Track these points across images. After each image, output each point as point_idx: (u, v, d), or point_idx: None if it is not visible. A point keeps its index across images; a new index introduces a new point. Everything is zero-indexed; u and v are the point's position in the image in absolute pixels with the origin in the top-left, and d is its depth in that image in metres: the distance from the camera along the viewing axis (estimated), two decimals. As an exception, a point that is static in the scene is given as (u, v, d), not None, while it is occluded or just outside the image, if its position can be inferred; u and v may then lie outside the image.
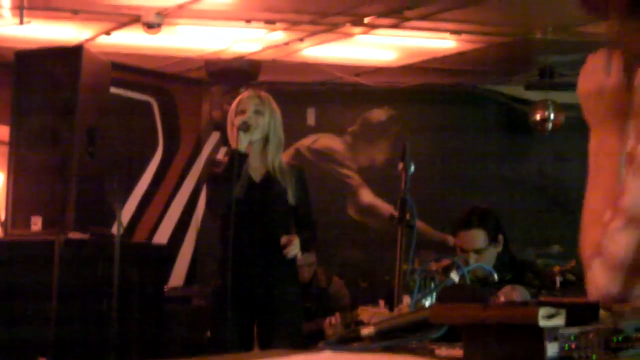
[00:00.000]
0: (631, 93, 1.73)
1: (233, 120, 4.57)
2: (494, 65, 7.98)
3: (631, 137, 1.70)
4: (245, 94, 4.68)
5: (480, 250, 4.26)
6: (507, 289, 1.80)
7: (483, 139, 8.77)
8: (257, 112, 4.52)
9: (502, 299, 1.79)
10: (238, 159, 4.43)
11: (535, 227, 8.23)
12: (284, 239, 4.43)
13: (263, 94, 4.65)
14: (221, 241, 4.58)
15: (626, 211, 1.67)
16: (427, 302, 2.59)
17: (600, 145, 1.81)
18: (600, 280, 1.68)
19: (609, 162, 1.78)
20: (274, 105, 4.62)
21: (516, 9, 6.01)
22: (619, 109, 1.77)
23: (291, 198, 4.56)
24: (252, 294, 4.50)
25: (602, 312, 1.55)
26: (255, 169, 4.57)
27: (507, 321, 1.50)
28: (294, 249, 4.44)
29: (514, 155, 8.82)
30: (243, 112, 4.53)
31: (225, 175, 4.45)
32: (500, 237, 4.33)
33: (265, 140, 4.54)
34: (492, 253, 4.29)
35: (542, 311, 1.44)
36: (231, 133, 4.61)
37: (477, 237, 4.28)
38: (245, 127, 4.44)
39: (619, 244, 1.66)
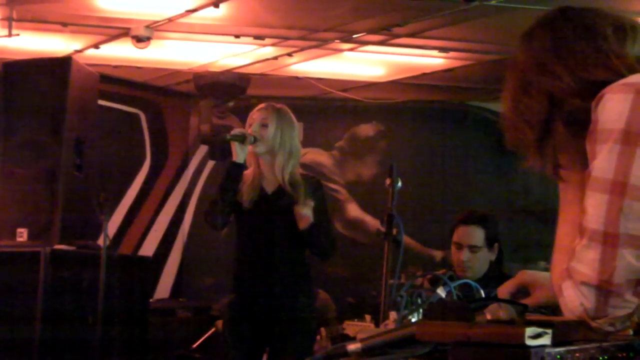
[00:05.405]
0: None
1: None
2: (482, 83, 8.01)
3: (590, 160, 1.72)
4: (257, 107, 4.57)
5: (475, 248, 4.17)
6: (493, 306, 1.80)
7: (470, 156, 8.79)
8: (263, 125, 4.45)
9: (488, 316, 1.79)
10: (234, 170, 4.41)
11: (522, 245, 8.24)
12: (296, 208, 4.34)
13: (271, 106, 4.52)
14: (234, 253, 4.56)
15: (587, 229, 1.70)
16: (413, 318, 2.59)
17: (564, 185, 1.85)
18: (573, 300, 1.69)
19: (574, 195, 1.81)
20: (286, 116, 4.49)
21: (504, 27, 6.03)
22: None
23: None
24: (262, 306, 4.43)
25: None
26: (269, 181, 4.50)
27: (493, 340, 1.50)
28: (305, 212, 4.33)
29: (501, 172, 8.82)
30: (251, 125, 4.47)
31: (221, 187, 4.44)
32: (496, 245, 4.25)
33: (274, 151, 4.47)
34: (486, 258, 4.22)
35: (529, 331, 1.45)
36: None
37: (476, 233, 4.19)
38: (240, 139, 4.38)
39: (586, 260, 1.68)
